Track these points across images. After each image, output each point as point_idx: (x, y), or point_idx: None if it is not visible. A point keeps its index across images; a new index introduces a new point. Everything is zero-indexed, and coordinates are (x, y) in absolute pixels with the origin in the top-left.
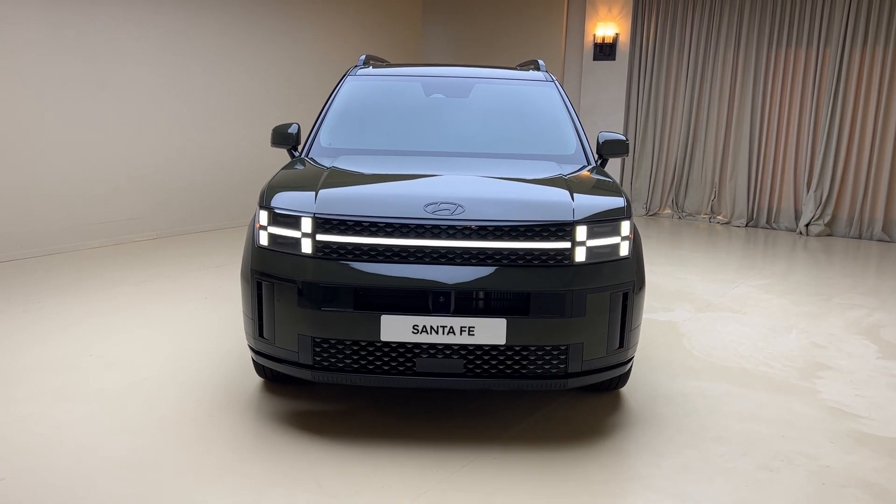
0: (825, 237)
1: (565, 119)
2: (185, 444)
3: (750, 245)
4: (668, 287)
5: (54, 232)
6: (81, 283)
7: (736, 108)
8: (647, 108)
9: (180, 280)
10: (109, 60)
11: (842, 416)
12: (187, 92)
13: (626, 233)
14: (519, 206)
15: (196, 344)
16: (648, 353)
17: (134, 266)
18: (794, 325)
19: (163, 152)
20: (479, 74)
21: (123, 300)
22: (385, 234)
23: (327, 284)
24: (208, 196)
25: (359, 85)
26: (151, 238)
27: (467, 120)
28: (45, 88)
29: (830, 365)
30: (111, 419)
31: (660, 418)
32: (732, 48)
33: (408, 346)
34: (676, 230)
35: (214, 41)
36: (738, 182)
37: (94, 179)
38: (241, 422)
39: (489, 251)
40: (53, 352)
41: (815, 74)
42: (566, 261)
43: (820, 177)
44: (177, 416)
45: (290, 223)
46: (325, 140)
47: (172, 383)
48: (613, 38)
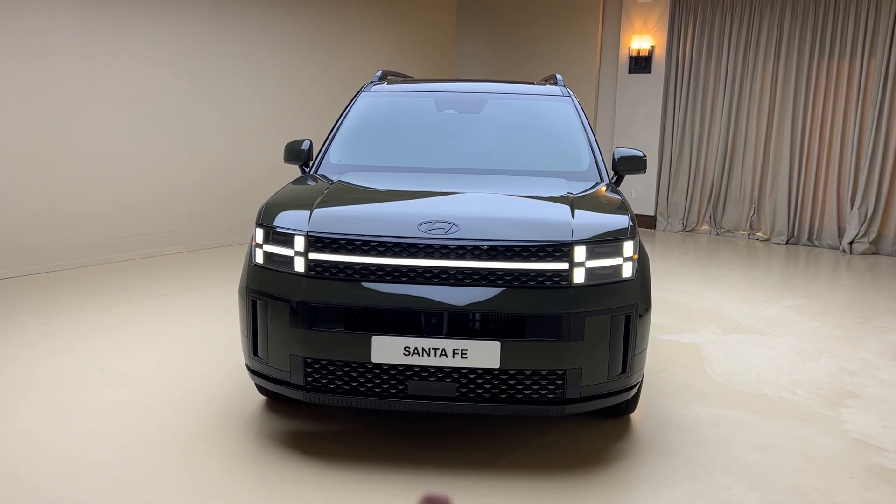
0: (870, 255)
1: (580, 134)
2: (177, 463)
3: (789, 263)
4: (696, 307)
5: (85, 245)
6: (105, 296)
7: (776, 121)
8: (684, 122)
9: (203, 294)
10: (140, 75)
11: (865, 450)
12: (219, 107)
13: (630, 253)
14: (515, 225)
15: (206, 360)
16: (665, 376)
17: (159, 279)
18: (824, 350)
19: (194, 167)
20: (493, 90)
21: (143, 314)
22: (377, 253)
23: (319, 304)
24: (238, 211)
25: (372, 101)
26: (181, 251)
27: (478, 136)
28: (76, 102)
29: (859, 393)
30: (108, 436)
31: (667, 447)
32: (772, 60)
33: (399, 369)
34: (713, 247)
35: (248, 56)
36: (778, 197)
37: (124, 193)
38: (237, 441)
39: (484, 271)
40: (64, 365)
41: (858, 86)
42: (564, 282)
43: (865, 192)
44: (174, 434)
45: (284, 241)
46: (335, 156)
47: (175, 400)
48: (649, 51)
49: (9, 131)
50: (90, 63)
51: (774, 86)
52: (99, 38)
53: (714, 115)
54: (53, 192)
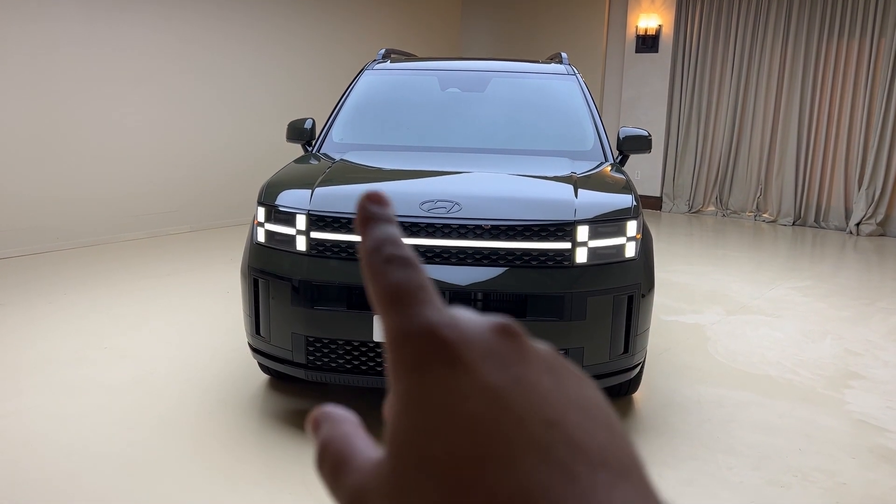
0: (877, 237)
1: (584, 114)
2: (180, 442)
3: (796, 245)
4: (701, 288)
5: (90, 224)
6: (110, 275)
7: (784, 101)
8: (691, 102)
9: (206, 273)
10: (145, 56)
11: (867, 430)
12: (222, 87)
13: (633, 233)
14: (518, 204)
15: (209, 338)
16: (668, 357)
17: (164, 259)
18: (829, 331)
19: (198, 146)
20: (497, 68)
21: (147, 292)
22: None
23: (321, 283)
24: (242, 190)
25: (375, 80)
26: (185, 231)
27: (481, 115)
28: (82, 83)
29: (863, 374)
30: (111, 414)
31: (670, 427)
32: (781, 39)
33: None
34: (720, 228)
35: (251, 37)
36: (785, 179)
37: (129, 172)
38: (240, 420)
39: (486, 251)
40: (69, 344)
41: (868, 66)
42: (566, 262)
43: (872, 173)
44: (177, 412)
45: (285, 220)
46: (338, 135)
47: (178, 378)
48: (656, 30)
49: (15, 112)
50: (95, 45)
51: (783, 65)
52: (103, 21)
53: (721, 96)
54: (58, 172)
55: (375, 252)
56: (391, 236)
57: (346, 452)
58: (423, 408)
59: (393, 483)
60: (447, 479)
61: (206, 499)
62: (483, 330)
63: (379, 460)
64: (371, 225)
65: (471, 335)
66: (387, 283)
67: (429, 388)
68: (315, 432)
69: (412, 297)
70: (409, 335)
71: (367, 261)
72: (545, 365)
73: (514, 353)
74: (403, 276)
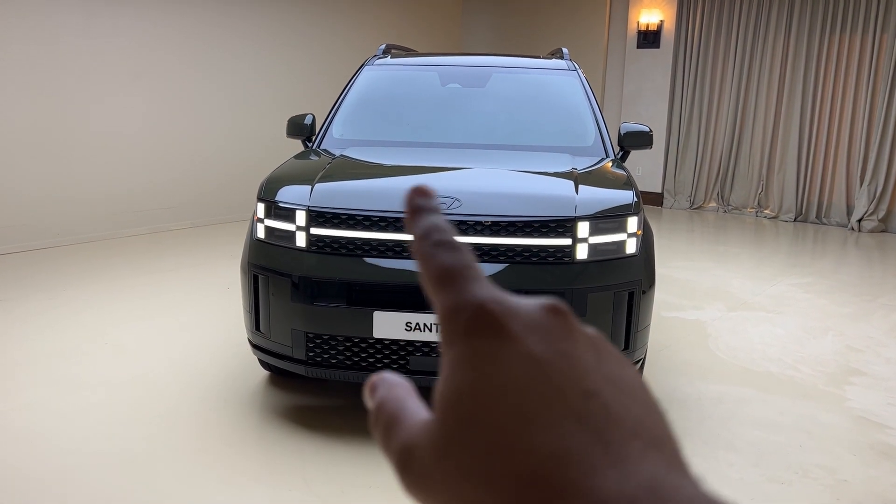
0: (879, 234)
1: (585, 109)
2: (179, 438)
3: (797, 241)
4: (702, 284)
5: (90, 220)
6: (110, 271)
7: (785, 97)
8: (693, 98)
9: (207, 269)
10: (145, 50)
11: (868, 427)
12: (223, 82)
13: (634, 229)
14: (518, 200)
15: (209, 334)
16: (669, 353)
17: (164, 254)
18: (830, 327)
19: (199, 142)
20: (498, 63)
21: (148, 288)
22: (379, 228)
23: (320, 279)
24: (243, 186)
25: (375, 75)
26: (186, 227)
27: (482, 110)
28: (81, 78)
29: (864, 371)
30: (110, 411)
31: None
32: (783, 35)
33: (401, 344)
34: (721, 224)
35: (251, 31)
36: (786, 175)
37: (129, 168)
38: (240, 416)
39: (486, 247)
40: (69, 339)
41: (870, 62)
42: (567, 258)
43: (874, 170)
44: (177, 408)
45: (285, 216)
46: (338, 131)
47: (178, 374)
48: (658, 25)
49: (15, 108)
50: (94, 39)
51: (784, 61)
52: (102, 14)
53: (723, 91)
54: (58, 168)
55: (425, 238)
56: (438, 224)
57: (398, 413)
58: (469, 371)
59: (439, 439)
60: (490, 437)
61: (206, 495)
62: (531, 307)
63: (428, 420)
64: (419, 214)
65: (517, 310)
66: (438, 264)
67: (476, 354)
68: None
69: (461, 276)
70: (458, 308)
71: (418, 246)
72: (589, 343)
73: (559, 329)
74: (452, 257)
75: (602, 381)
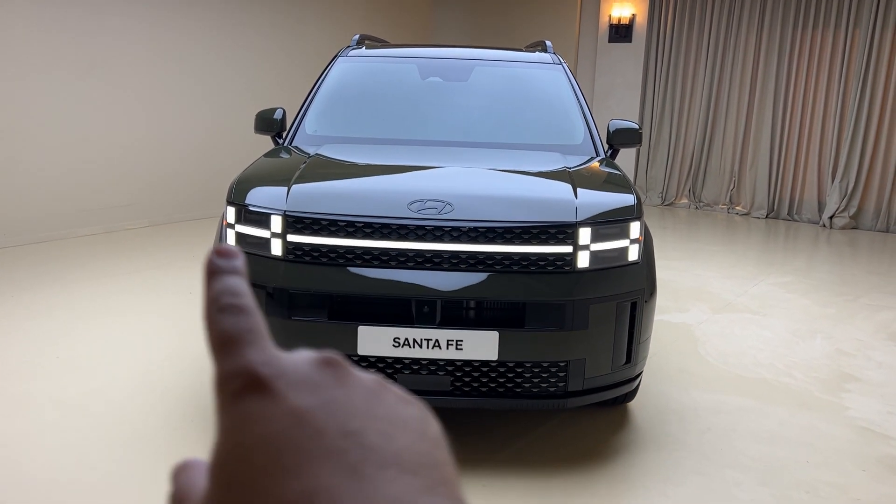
0: (850, 230)
1: (573, 105)
2: (143, 461)
3: (770, 238)
4: (684, 284)
5: (39, 219)
6: (62, 275)
7: (758, 93)
8: (665, 93)
9: (167, 272)
10: (98, 38)
11: (872, 438)
12: (184, 73)
13: (636, 235)
14: (515, 204)
15: (172, 344)
16: (660, 360)
17: (121, 256)
18: (818, 329)
19: (157, 135)
20: (480, 56)
21: (104, 294)
22: (364, 235)
23: (299, 291)
24: (205, 182)
25: (349, 67)
26: (144, 226)
27: (465, 106)
28: (30, 67)
29: (858, 376)
30: (66, 433)
31: (670, 438)
32: (755, 30)
33: (388, 361)
34: (693, 221)
35: (210, 22)
36: (758, 171)
37: (84, 164)
38: (209, 437)
39: (480, 255)
40: (17, 353)
41: (842, 58)
42: (567, 266)
43: (846, 167)
44: (140, 428)
45: (258, 221)
46: (311, 127)
47: (140, 390)
48: (630, 19)
49: None
50: (44, 26)
51: (757, 56)
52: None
53: (695, 87)
54: (4, 162)
55: (213, 302)
56: (231, 287)
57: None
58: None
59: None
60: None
61: None
62: (302, 363)
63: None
64: (215, 277)
65: (286, 368)
66: (216, 330)
67: (243, 418)
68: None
69: (239, 341)
70: (230, 375)
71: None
72: (364, 388)
73: (330, 380)
74: (233, 322)
75: (368, 420)
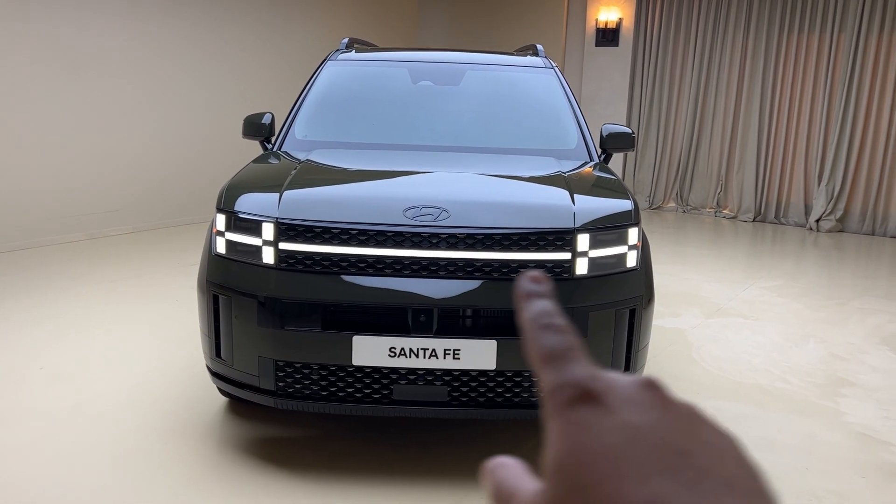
0: (836, 233)
1: (566, 110)
2: (130, 476)
3: (758, 241)
4: (675, 288)
5: (21, 226)
6: (45, 283)
7: (744, 97)
8: (652, 97)
9: (152, 280)
10: (83, 39)
11: (871, 444)
12: (170, 76)
13: (634, 241)
14: (512, 210)
15: (158, 354)
16: (655, 366)
17: (105, 263)
18: (811, 334)
19: (141, 142)
20: (472, 60)
21: (87, 303)
22: (358, 242)
23: (291, 300)
24: (190, 188)
25: (339, 71)
26: (128, 232)
27: (457, 110)
28: (12, 71)
29: (853, 381)
30: (50, 448)
31: None
32: (741, 34)
33: (384, 372)
34: (680, 225)
35: (197, 26)
36: (745, 175)
37: (67, 170)
38: (200, 450)
39: (478, 263)
40: None
41: (828, 62)
42: (566, 273)
43: (832, 170)
44: (126, 442)
45: (250, 229)
46: (301, 132)
47: (126, 403)
48: (617, 23)
49: None
50: (26, 30)
51: (743, 60)
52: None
53: (682, 90)
54: None
55: (534, 321)
56: (547, 309)
57: (513, 489)
58: (571, 440)
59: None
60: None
61: None
62: (627, 383)
63: (539, 488)
64: (531, 299)
65: (614, 385)
66: (543, 346)
67: (576, 425)
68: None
69: (563, 356)
70: (561, 385)
71: (528, 327)
72: (685, 413)
73: (654, 401)
74: (557, 340)
75: (695, 443)
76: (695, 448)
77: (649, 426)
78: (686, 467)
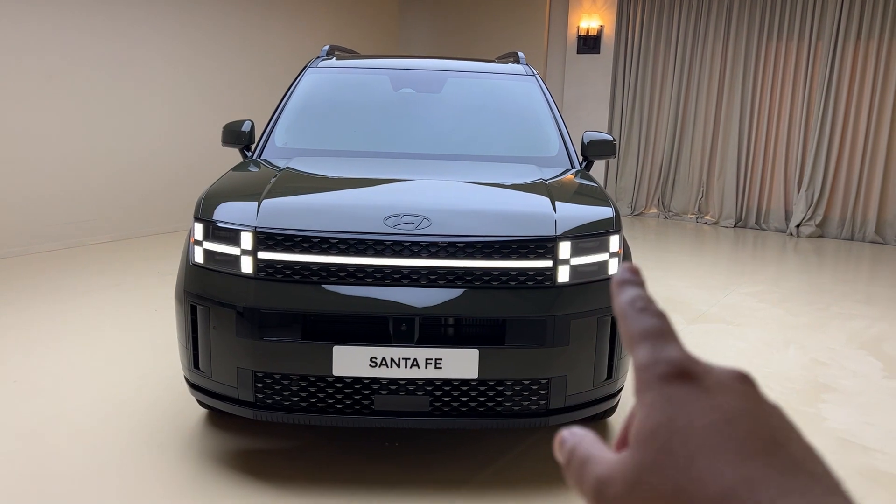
0: (816, 238)
1: (547, 117)
2: (108, 491)
3: (739, 247)
4: (657, 294)
5: None
6: (20, 294)
7: (725, 103)
8: (633, 104)
9: (131, 290)
10: (57, 46)
11: (852, 449)
12: (148, 84)
13: (615, 248)
14: (494, 218)
15: (137, 366)
16: None
17: (83, 273)
18: (791, 339)
19: (120, 148)
20: (453, 67)
21: (64, 314)
22: (338, 251)
23: (271, 310)
24: (169, 197)
25: (319, 78)
26: (106, 241)
27: (438, 117)
28: None
29: (834, 386)
30: (25, 464)
31: None
32: (721, 41)
33: (365, 382)
34: (662, 231)
35: (174, 32)
36: (726, 181)
37: (41, 176)
38: (177, 463)
39: (459, 271)
40: None
41: (806, 69)
42: (547, 282)
43: (811, 176)
44: (103, 456)
45: (228, 238)
46: (280, 139)
47: (103, 416)
48: (598, 31)
49: None
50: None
51: (723, 67)
52: (6, 13)
53: (663, 97)
54: None
55: (632, 303)
56: (643, 295)
57: (589, 455)
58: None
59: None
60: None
61: None
62: (723, 371)
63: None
64: (628, 285)
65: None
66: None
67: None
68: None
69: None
70: (657, 360)
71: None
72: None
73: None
74: (654, 321)
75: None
76: (788, 441)
77: (746, 413)
78: (783, 455)
